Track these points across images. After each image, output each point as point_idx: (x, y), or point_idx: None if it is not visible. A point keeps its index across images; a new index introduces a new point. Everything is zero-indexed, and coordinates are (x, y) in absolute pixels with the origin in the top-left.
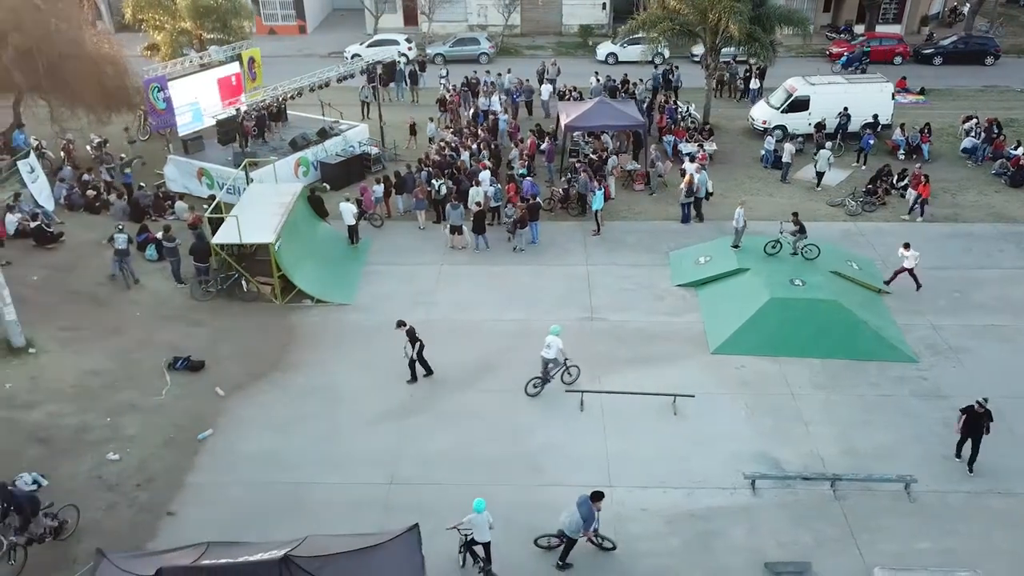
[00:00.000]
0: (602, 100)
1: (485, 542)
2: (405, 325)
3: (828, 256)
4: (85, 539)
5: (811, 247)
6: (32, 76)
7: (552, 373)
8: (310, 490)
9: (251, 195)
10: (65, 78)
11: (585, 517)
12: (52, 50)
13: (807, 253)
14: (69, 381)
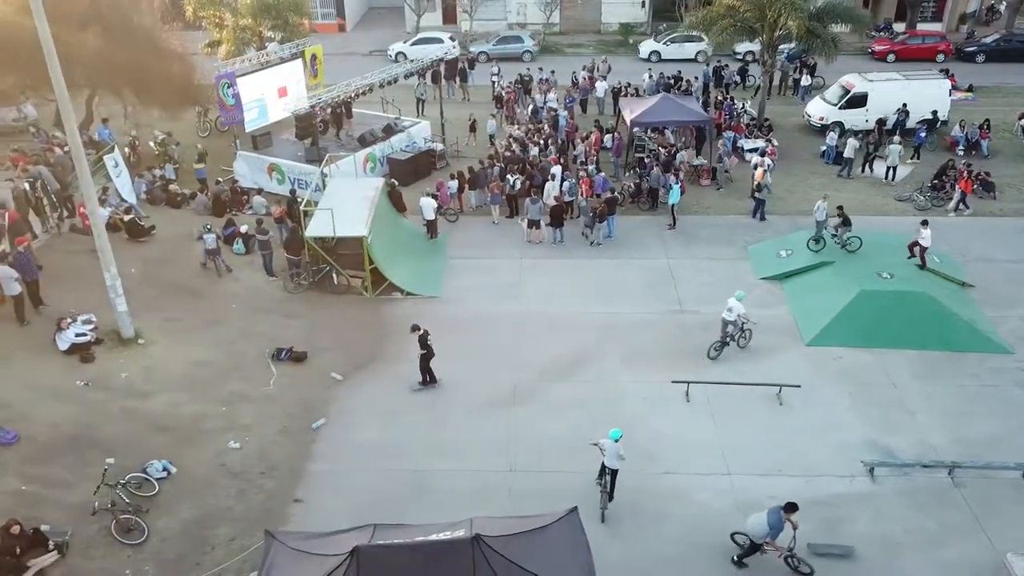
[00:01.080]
0: (666, 96)
1: (612, 469)
2: (419, 330)
3: None
4: (221, 525)
5: (854, 239)
6: (110, 72)
7: (730, 336)
8: (430, 477)
9: (334, 190)
10: (142, 74)
11: (772, 526)
12: (131, 46)
13: (850, 245)
14: (180, 371)
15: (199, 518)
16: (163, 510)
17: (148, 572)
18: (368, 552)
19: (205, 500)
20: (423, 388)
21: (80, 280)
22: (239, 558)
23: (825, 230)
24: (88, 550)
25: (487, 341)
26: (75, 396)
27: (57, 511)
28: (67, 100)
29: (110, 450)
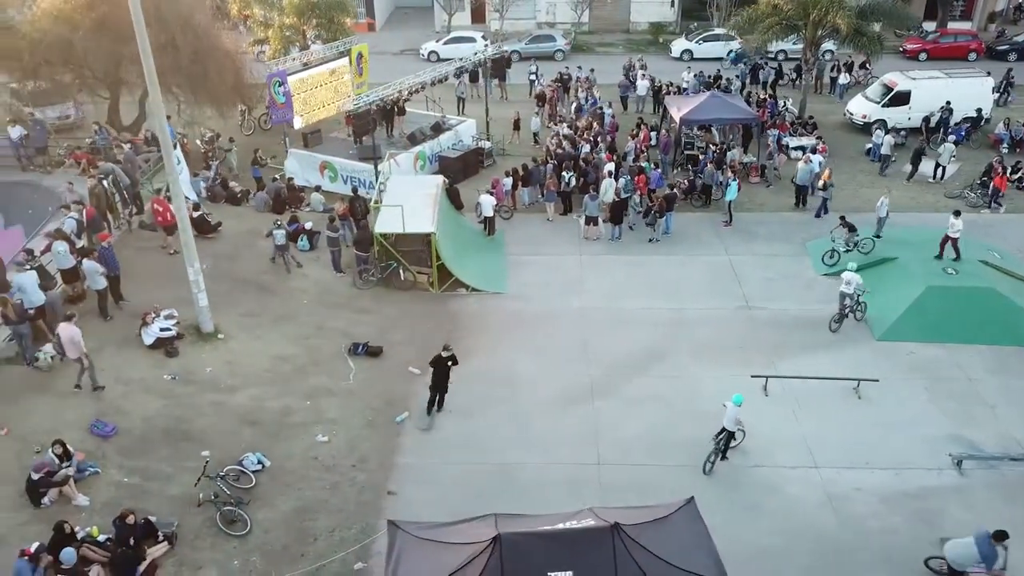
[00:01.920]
0: (713, 94)
1: (729, 431)
2: (448, 350)
3: (970, 246)
4: (319, 517)
5: (866, 241)
6: (168, 70)
7: (849, 308)
8: (520, 470)
9: (396, 187)
10: (198, 72)
11: (986, 556)
12: (188, 44)
13: (863, 247)
14: (262, 366)
15: (297, 510)
16: (262, 502)
17: (255, 563)
18: (510, 539)
19: (302, 492)
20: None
21: (153, 276)
22: (352, 551)
23: (834, 242)
24: (195, 541)
25: (557, 336)
26: (164, 390)
27: (159, 503)
28: (160, 99)
29: (204, 443)
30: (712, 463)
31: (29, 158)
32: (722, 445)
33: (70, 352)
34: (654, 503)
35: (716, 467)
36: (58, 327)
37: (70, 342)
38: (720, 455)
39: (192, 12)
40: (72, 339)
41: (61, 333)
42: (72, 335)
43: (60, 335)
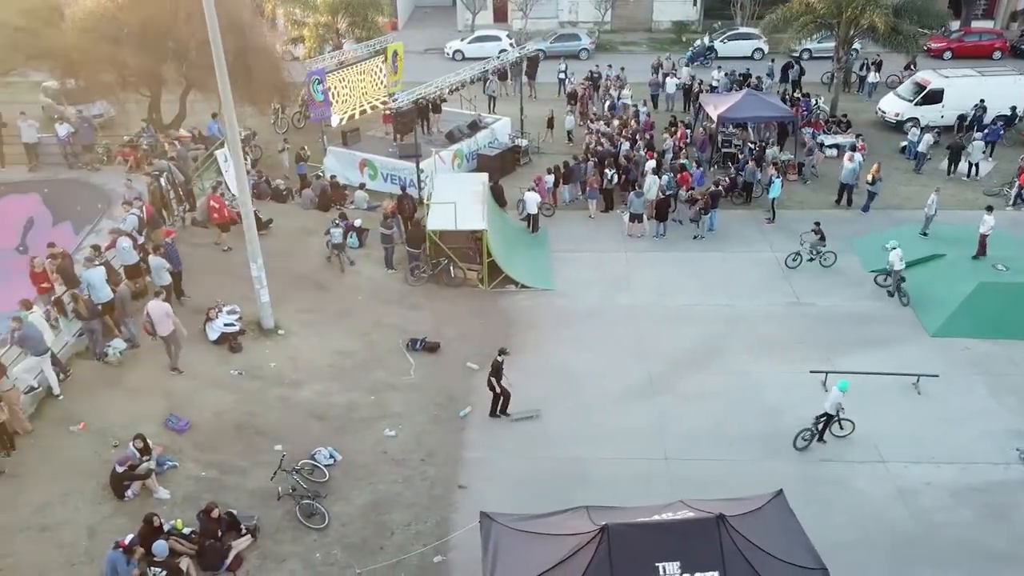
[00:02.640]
0: (750, 92)
1: (828, 414)
2: (506, 353)
3: (1017, 243)
4: (393, 510)
5: (828, 254)
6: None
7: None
8: (589, 464)
9: (443, 184)
10: (241, 70)
11: None
12: (233, 41)
13: (824, 261)
14: (324, 361)
15: (372, 504)
16: (337, 496)
17: (337, 556)
18: (618, 530)
19: (374, 487)
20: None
21: (208, 272)
22: (431, 546)
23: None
24: (276, 534)
25: (610, 333)
26: (231, 385)
27: (238, 496)
28: (230, 98)
29: (275, 437)
30: (807, 441)
31: (76, 155)
32: (820, 427)
33: (162, 328)
34: (740, 496)
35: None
36: (147, 306)
37: (164, 316)
38: (817, 436)
39: (237, 9)
40: (166, 312)
41: (152, 311)
42: (166, 310)
43: (151, 313)
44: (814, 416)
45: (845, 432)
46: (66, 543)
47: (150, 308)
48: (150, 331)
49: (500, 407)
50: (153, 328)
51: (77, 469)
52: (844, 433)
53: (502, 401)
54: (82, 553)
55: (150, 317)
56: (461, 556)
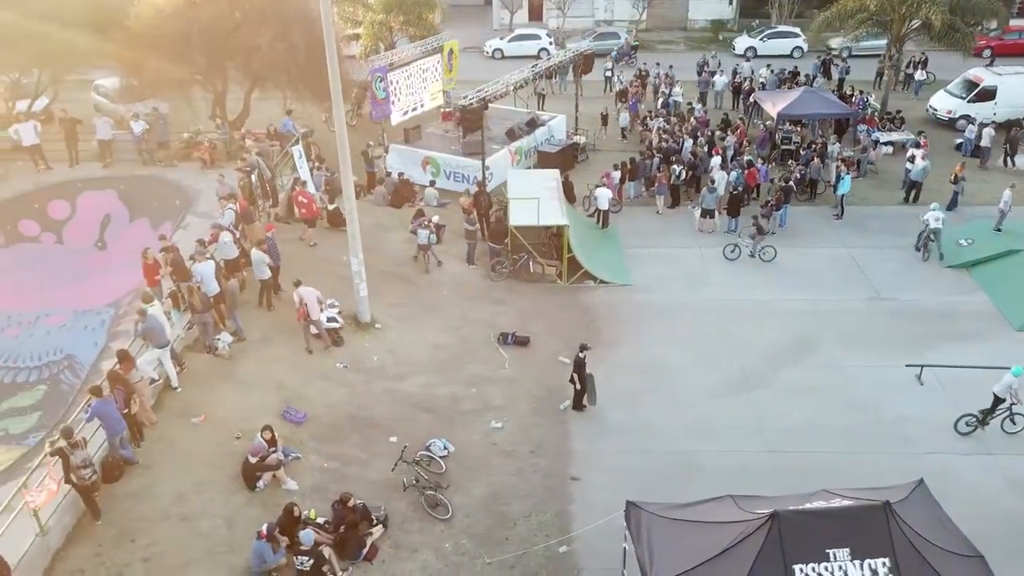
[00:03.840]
0: (807, 89)
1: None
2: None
3: None
4: (511, 501)
5: (768, 248)
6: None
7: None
8: (693, 457)
9: (518, 181)
10: (312, 67)
11: None
12: (303, 38)
13: (764, 255)
14: (421, 354)
15: (491, 495)
16: (456, 487)
17: (465, 546)
18: (787, 517)
19: (489, 478)
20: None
21: (297, 268)
22: (557, 540)
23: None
24: (404, 524)
25: (696, 327)
26: (338, 378)
27: (361, 487)
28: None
29: (388, 429)
30: (972, 427)
31: (150, 152)
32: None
33: (314, 311)
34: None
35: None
36: (299, 291)
37: (315, 300)
38: (981, 422)
39: (307, 6)
40: (317, 296)
41: (305, 294)
42: (316, 294)
43: (303, 296)
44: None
45: (1017, 428)
46: (206, 533)
47: (303, 293)
48: (305, 316)
49: (582, 400)
50: (308, 312)
51: (204, 460)
52: (1016, 429)
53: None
54: (222, 543)
55: (304, 301)
56: (585, 546)
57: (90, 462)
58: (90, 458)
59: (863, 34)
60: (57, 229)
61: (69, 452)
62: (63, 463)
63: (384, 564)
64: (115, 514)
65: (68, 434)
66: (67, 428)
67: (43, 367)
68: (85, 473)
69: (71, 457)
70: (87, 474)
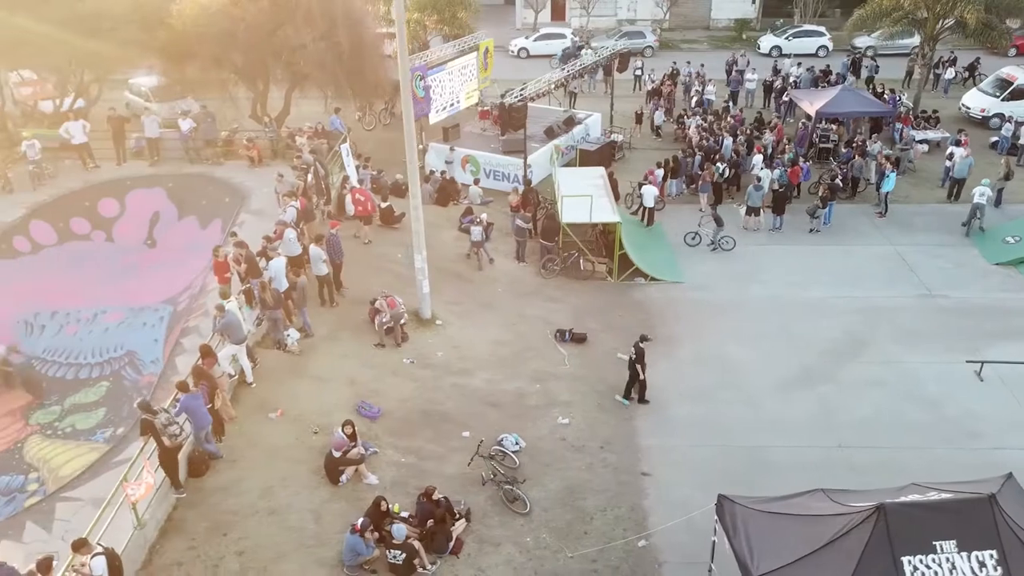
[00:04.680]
0: (846, 87)
1: None
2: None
3: None
4: (586, 496)
5: (728, 239)
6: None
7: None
8: (765, 452)
9: (565, 178)
10: (356, 65)
11: None
12: (347, 36)
13: (724, 244)
14: (483, 350)
15: (565, 490)
16: (531, 482)
17: (546, 540)
18: (894, 509)
19: (562, 473)
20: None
21: (353, 264)
22: (637, 535)
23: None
24: (484, 518)
25: (753, 324)
26: (407, 373)
27: (439, 481)
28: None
29: (459, 424)
30: None
31: (197, 150)
32: None
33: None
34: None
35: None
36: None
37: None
38: None
39: (351, 4)
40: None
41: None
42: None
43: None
44: None
45: None
46: (295, 526)
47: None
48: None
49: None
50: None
51: (285, 455)
52: None
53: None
54: (311, 536)
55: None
56: (663, 540)
57: (174, 420)
58: (172, 417)
59: (898, 32)
60: (107, 227)
61: (152, 419)
62: (154, 437)
63: (470, 558)
64: (205, 508)
65: (146, 406)
66: (144, 402)
67: (104, 364)
68: (173, 430)
69: (155, 422)
70: (175, 431)
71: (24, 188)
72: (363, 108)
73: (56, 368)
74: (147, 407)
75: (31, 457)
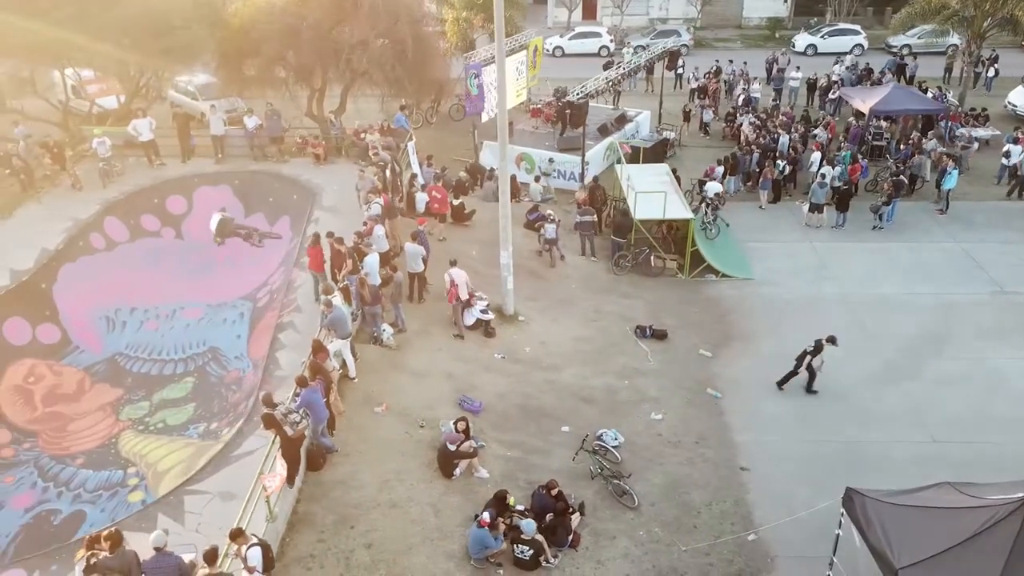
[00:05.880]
0: (896, 86)
1: None
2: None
3: None
4: (691, 491)
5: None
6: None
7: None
8: (862, 447)
9: (632, 175)
10: (416, 62)
11: None
12: (407, 33)
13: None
14: (568, 346)
15: (669, 484)
16: (635, 476)
17: (658, 533)
18: None
19: (663, 467)
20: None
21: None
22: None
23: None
24: (596, 512)
25: (829, 320)
26: (499, 368)
27: (547, 476)
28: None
29: (559, 419)
30: None
31: (262, 148)
32: None
33: (463, 292)
34: None
35: None
36: (451, 272)
37: (464, 283)
38: None
39: (413, 1)
40: (466, 280)
41: (455, 275)
42: (465, 277)
43: (453, 276)
44: None
45: None
46: (416, 519)
47: (454, 274)
48: (455, 296)
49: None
50: (458, 294)
51: (396, 449)
52: None
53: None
54: (434, 529)
55: (455, 282)
56: (773, 534)
57: (293, 409)
58: (291, 408)
59: (946, 30)
60: (176, 224)
61: (272, 410)
62: (277, 431)
63: (588, 551)
64: (328, 501)
65: (268, 400)
66: (267, 395)
67: (187, 360)
68: (294, 418)
69: (275, 413)
70: (296, 419)
71: (94, 186)
72: (409, 106)
73: (140, 364)
74: (269, 401)
75: (126, 452)
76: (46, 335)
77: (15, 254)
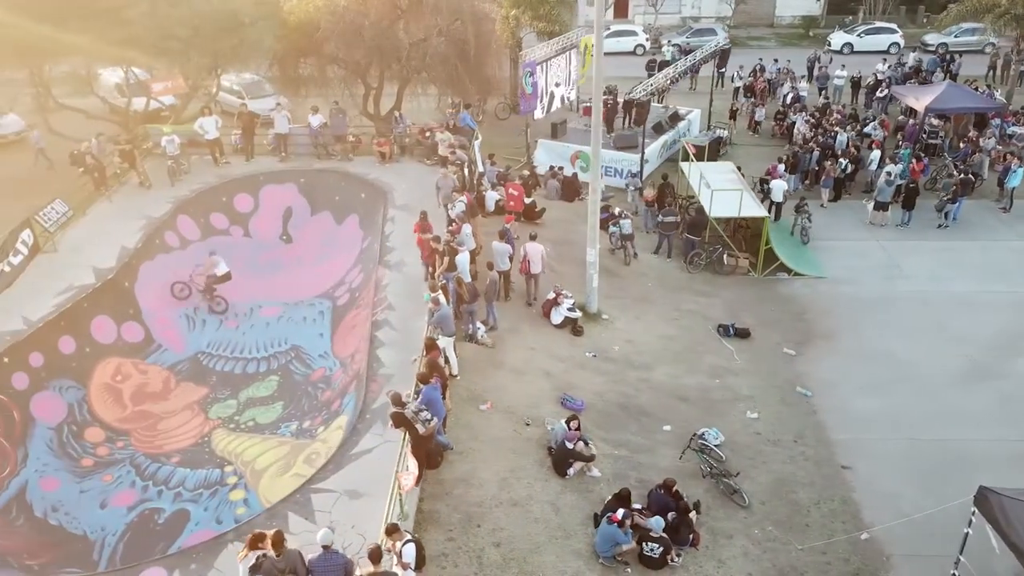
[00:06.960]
0: (951, 84)
1: None
2: None
3: None
4: (797, 489)
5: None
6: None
7: None
8: (960, 445)
9: (699, 173)
10: (478, 60)
11: None
12: (471, 31)
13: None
14: (655, 345)
15: (776, 483)
16: (742, 475)
17: (772, 532)
18: None
19: (767, 466)
20: None
21: None
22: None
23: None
24: (709, 511)
25: (908, 319)
26: (593, 366)
27: (656, 475)
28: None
29: (659, 418)
30: None
31: (325, 146)
32: None
33: (535, 267)
34: None
35: None
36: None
37: (539, 257)
38: None
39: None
40: (542, 254)
41: (530, 250)
42: (541, 251)
43: (530, 253)
44: None
45: None
46: (539, 518)
47: (528, 249)
48: (526, 270)
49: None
50: (529, 266)
51: (507, 447)
52: None
53: None
54: (557, 528)
55: (528, 257)
56: (885, 533)
57: (422, 407)
58: (419, 406)
59: (1000, 27)
60: (244, 222)
61: (402, 409)
62: (407, 428)
63: (708, 550)
64: (451, 499)
65: (397, 399)
66: (395, 394)
67: (270, 358)
68: (424, 415)
69: (405, 412)
70: (426, 416)
71: (161, 184)
72: (475, 105)
73: (224, 362)
74: (398, 400)
75: (221, 451)
76: (130, 333)
77: (96, 252)
